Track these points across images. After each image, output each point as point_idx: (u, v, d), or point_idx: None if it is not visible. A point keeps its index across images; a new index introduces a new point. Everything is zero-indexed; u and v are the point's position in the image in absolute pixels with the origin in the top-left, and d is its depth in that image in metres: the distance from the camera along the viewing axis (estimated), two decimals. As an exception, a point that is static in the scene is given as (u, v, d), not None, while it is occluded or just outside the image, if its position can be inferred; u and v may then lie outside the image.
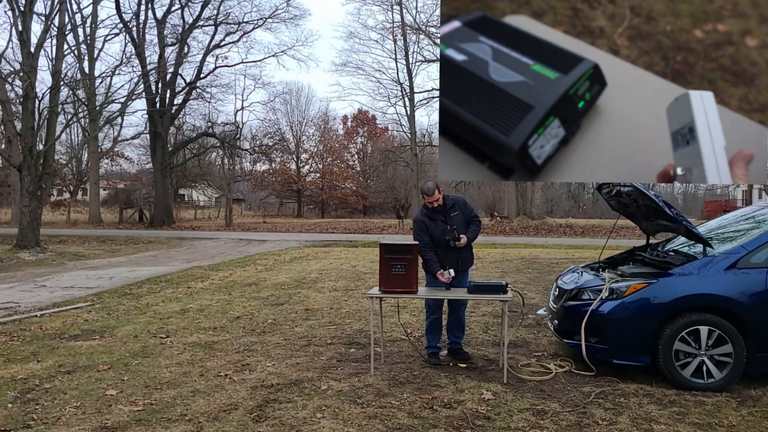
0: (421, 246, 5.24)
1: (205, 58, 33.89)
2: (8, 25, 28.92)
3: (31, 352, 5.71)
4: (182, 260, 14.83)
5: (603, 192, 5.91)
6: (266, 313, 7.64)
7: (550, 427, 3.85)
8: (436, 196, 5.20)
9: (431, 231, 5.25)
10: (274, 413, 4.07)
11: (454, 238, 5.19)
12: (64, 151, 44.42)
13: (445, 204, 5.28)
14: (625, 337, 4.76)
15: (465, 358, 5.40)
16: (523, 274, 11.51)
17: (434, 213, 5.28)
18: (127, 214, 36.30)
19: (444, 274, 5.09)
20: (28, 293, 9.42)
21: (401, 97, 40.22)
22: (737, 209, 6.53)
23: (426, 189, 5.21)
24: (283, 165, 51.57)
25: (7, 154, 20.28)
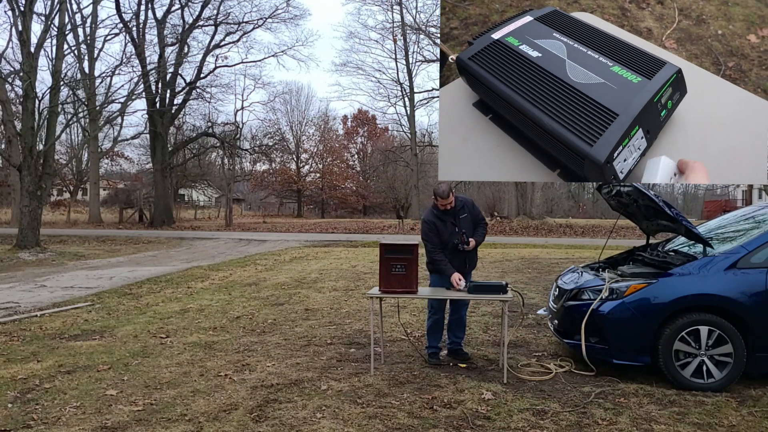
0: (430, 247, 5.22)
1: (205, 58, 33.93)
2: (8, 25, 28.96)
3: (31, 352, 5.71)
4: (182, 260, 14.83)
5: (603, 192, 5.90)
6: (266, 313, 7.64)
7: (550, 427, 3.85)
8: (450, 199, 5.16)
9: (441, 232, 5.22)
10: (274, 413, 4.06)
11: (464, 242, 5.19)
12: (64, 151, 44.43)
13: (455, 206, 5.26)
14: (625, 337, 4.76)
15: (465, 358, 5.40)
16: (523, 274, 11.50)
17: (444, 215, 5.25)
18: (127, 214, 36.30)
19: (461, 284, 5.05)
20: (28, 293, 9.42)
21: (401, 97, 40.21)
22: (737, 209, 6.53)
23: (441, 192, 5.15)
24: (283, 165, 51.58)
25: (7, 154, 20.27)
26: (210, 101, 36.13)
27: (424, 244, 5.29)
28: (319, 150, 53.84)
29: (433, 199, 5.28)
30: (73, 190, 48.50)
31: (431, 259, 5.24)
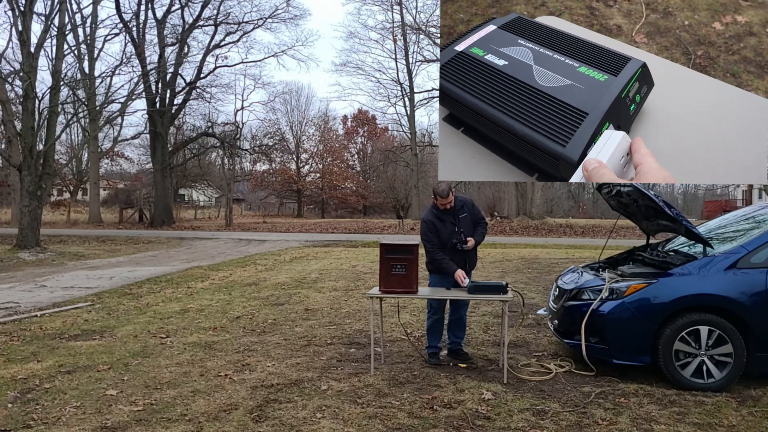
0: (430, 247, 5.22)
1: (205, 58, 33.93)
2: (8, 25, 28.94)
3: (31, 352, 5.71)
4: (182, 260, 14.83)
5: (603, 192, 5.91)
6: (266, 313, 7.64)
7: (550, 427, 3.85)
8: (449, 198, 5.17)
9: (440, 232, 5.23)
10: (274, 413, 4.07)
11: (462, 242, 5.19)
12: (64, 151, 44.44)
13: (455, 205, 5.26)
14: (626, 337, 4.76)
15: (465, 358, 5.40)
16: (523, 274, 11.51)
17: (444, 214, 5.26)
18: (127, 214, 36.30)
19: (465, 281, 5.05)
20: (28, 293, 9.42)
21: (401, 97, 40.22)
22: (737, 209, 6.53)
23: (440, 191, 5.16)
24: (283, 165, 51.58)
25: (7, 154, 20.26)
26: (210, 101, 36.17)
27: (423, 244, 5.29)
28: (319, 150, 53.85)
29: (433, 198, 5.28)
30: (73, 190, 48.50)
31: (432, 259, 5.24)
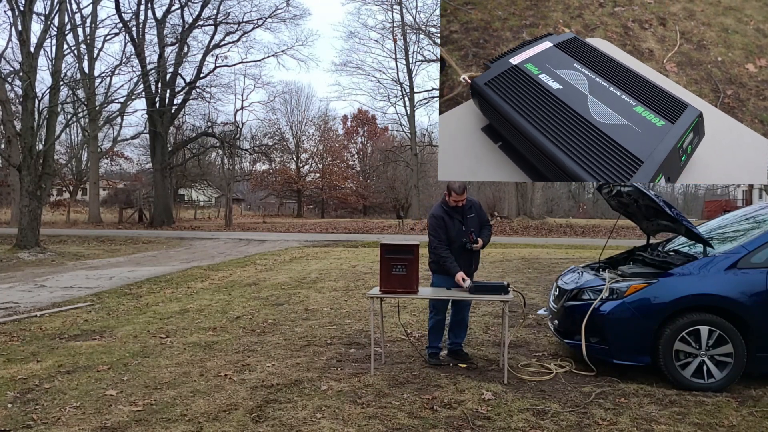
0: (436, 243, 5.17)
1: (204, 58, 33.94)
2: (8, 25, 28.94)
3: (31, 352, 5.70)
4: (182, 260, 14.82)
5: (603, 192, 5.90)
6: (266, 313, 7.64)
7: (550, 427, 3.85)
8: (463, 196, 5.15)
9: (448, 229, 5.20)
10: (274, 413, 4.06)
11: (473, 241, 5.18)
12: (64, 151, 44.44)
13: (464, 205, 5.26)
14: (626, 337, 4.76)
15: (465, 359, 5.40)
16: (524, 274, 11.50)
17: (453, 211, 5.23)
18: (127, 214, 36.29)
19: (466, 282, 5.03)
20: (28, 293, 9.42)
21: (401, 97, 40.28)
22: (737, 209, 6.52)
23: (456, 187, 5.12)
24: (283, 165, 51.57)
25: (7, 154, 20.26)
26: (210, 101, 36.18)
27: (429, 239, 5.26)
28: (319, 150, 53.85)
29: (446, 194, 5.25)
30: (73, 190, 48.48)
31: (437, 255, 5.17)
